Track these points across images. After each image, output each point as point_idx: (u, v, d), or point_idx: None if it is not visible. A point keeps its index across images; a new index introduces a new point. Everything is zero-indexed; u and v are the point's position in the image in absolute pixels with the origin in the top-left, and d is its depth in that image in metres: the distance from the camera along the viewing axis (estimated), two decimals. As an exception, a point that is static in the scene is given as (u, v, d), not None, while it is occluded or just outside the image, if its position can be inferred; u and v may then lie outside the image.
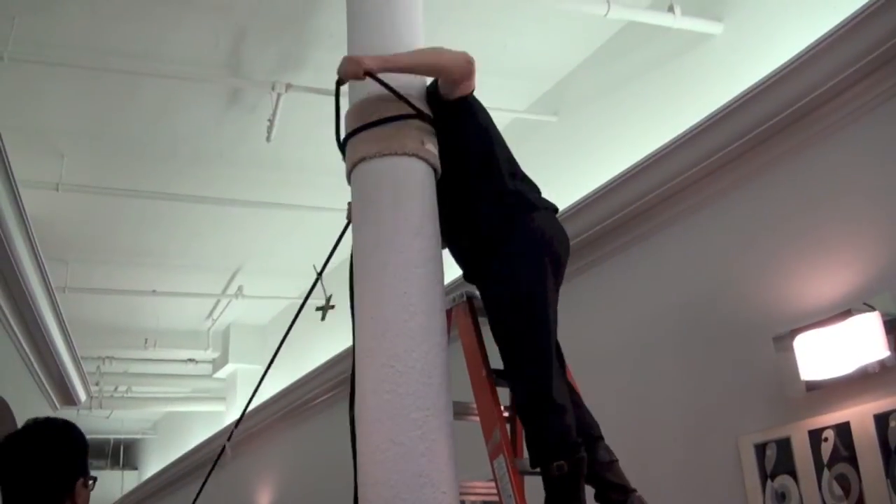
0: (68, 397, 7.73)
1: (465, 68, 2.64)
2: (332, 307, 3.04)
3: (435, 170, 2.67)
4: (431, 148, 2.66)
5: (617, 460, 2.60)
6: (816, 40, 3.40)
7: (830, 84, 3.36)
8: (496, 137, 2.76)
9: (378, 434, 2.15)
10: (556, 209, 2.74)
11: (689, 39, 4.53)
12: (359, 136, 2.66)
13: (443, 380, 2.30)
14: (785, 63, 3.51)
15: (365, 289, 2.47)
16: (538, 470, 2.43)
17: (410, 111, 2.61)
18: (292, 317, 3.22)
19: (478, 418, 2.71)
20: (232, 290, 8.25)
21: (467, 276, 2.79)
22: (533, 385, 2.44)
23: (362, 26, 2.84)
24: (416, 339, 2.28)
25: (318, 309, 3.15)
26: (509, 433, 2.71)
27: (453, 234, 2.73)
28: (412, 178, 2.60)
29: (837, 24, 3.33)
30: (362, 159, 2.62)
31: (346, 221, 2.88)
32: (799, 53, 3.46)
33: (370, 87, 2.65)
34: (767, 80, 3.58)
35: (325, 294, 2.93)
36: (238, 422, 3.84)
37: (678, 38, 4.55)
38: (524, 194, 2.65)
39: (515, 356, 2.49)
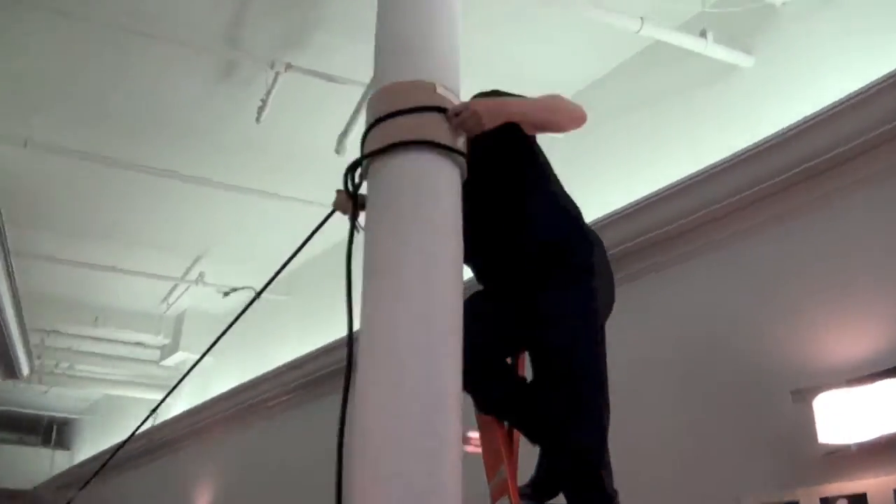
0: (10, 370, 7.24)
1: (577, 126, 2.37)
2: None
3: (461, 170, 2.40)
4: (461, 146, 2.40)
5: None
6: (857, 90, 3.30)
7: (866, 137, 3.26)
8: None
9: (383, 464, 1.85)
10: None
11: (717, 68, 4.34)
12: (381, 126, 2.37)
13: (456, 405, 2.02)
14: (825, 107, 3.40)
15: (371, 291, 2.18)
16: None
17: (439, 102, 2.32)
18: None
19: (474, 448, 2.45)
20: (193, 275, 7.85)
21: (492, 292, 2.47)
22: (586, 446, 2.16)
23: (393, 12, 2.56)
24: (431, 356, 2.00)
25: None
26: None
27: (491, 248, 2.45)
28: (437, 173, 2.33)
29: (877, 79, 3.23)
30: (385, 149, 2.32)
31: (330, 212, 2.56)
32: (838, 101, 3.36)
33: (391, 73, 2.39)
34: (805, 123, 3.49)
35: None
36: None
37: (706, 64, 4.34)
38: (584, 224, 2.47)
39: (565, 410, 2.17)
